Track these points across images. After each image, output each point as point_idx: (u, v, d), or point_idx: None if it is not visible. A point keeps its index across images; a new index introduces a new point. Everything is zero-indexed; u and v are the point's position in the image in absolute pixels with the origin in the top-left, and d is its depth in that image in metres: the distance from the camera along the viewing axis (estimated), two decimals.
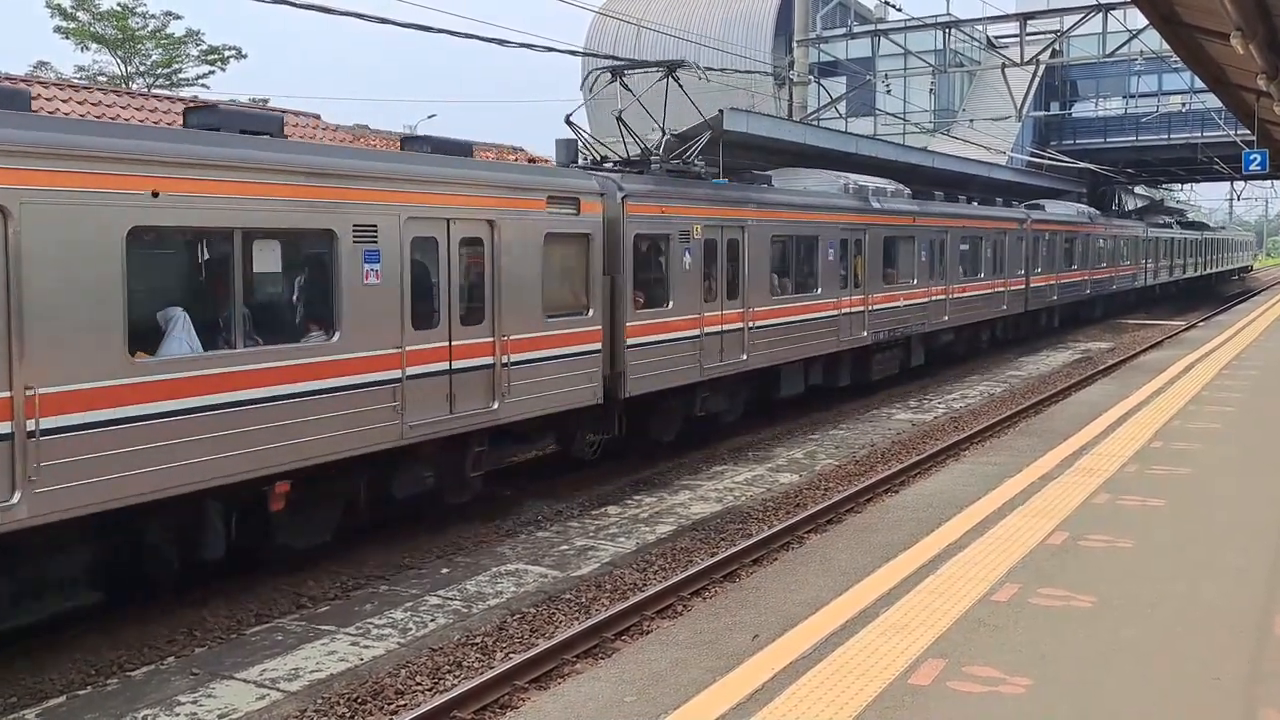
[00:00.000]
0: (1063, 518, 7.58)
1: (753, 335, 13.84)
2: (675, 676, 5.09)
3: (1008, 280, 24.14)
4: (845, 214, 16.73)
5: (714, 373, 13.10)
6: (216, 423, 7.29)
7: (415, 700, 6.41)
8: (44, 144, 6.46)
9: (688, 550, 9.48)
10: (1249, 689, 4.74)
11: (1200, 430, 10.94)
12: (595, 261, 11.12)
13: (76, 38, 31.50)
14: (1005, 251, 23.86)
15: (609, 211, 11.31)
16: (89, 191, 6.64)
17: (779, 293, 14.74)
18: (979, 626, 5.49)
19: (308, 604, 8.10)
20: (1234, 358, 17.62)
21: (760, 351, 14.12)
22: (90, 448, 6.57)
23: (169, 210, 7.10)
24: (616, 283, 11.44)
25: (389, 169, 8.89)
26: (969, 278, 21.91)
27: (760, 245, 14.05)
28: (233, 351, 7.50)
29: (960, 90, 41.80)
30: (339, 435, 8.20)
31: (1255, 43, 11.01)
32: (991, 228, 23.33)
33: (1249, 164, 25.83)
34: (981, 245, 22.65)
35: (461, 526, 10.03)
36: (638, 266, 11.86)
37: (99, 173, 6.70)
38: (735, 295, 13.41)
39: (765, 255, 14.21)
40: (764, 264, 14.17)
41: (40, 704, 6.42)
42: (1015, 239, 24.56)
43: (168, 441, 7.02)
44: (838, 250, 16.25)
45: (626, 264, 11.54)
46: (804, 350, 15.29)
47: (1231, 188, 62.47)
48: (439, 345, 9.15)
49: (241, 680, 6.74)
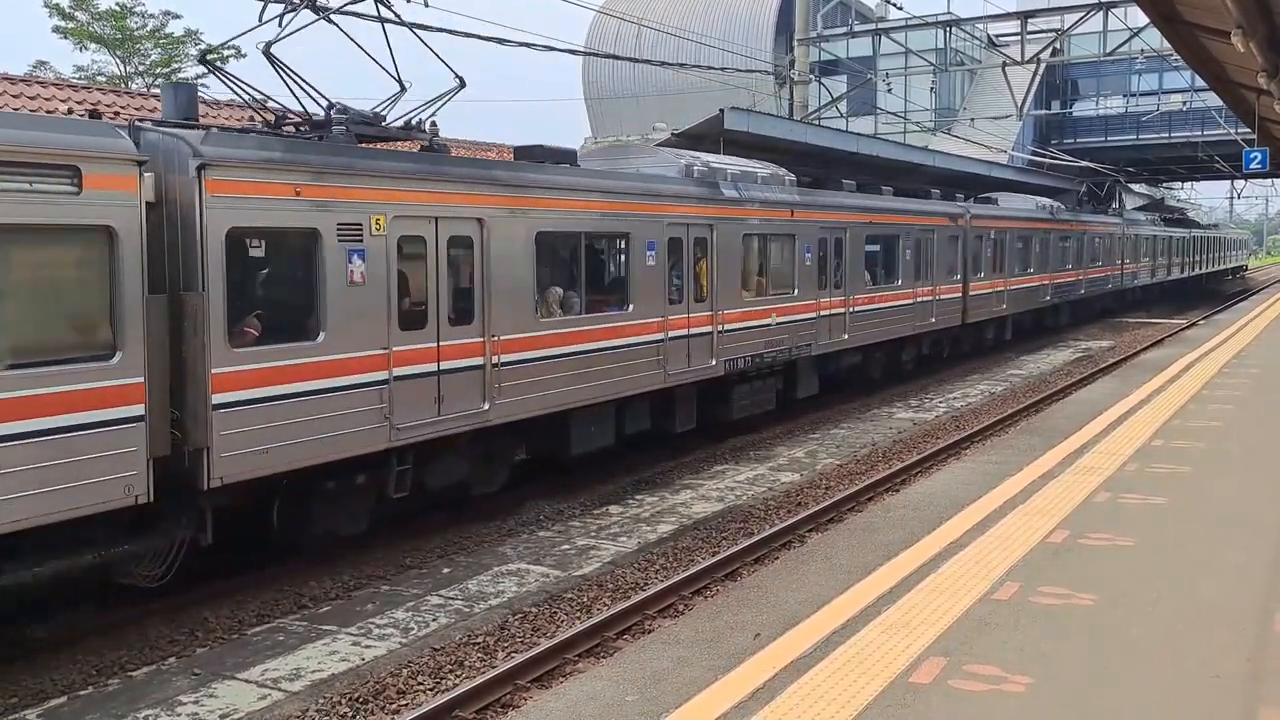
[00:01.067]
0: (1064, 516, 7.58)
1: (505, 373, 9.88)
2: (677, 675, 5.10)
3: (938, 287, 19.91)
4: (678, 204, 12.64)
5: (421, 433, 9.04)
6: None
7: (417, 700, 6.42)
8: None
9: (689, 549, 9.49)
10: (1249, 687, 4.74)
11: (1201, 428, 10.94)
12: (125, 271, 6.90)
13: (75, 38, 31.50)
14: (934, 253, 19.81)
15: (169, 190, 7.38)
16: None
17: (557, 312, 10.87)
18: (980, 625, 5.50)
19: (309, 604, 8.11)
20: (1234, 356, 17.62)
21: (525, 396, 10.16)
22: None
23: None
24: (188, 305, 7.43)
25: None
26: (880, 285, 17.94)
27: (513, 246, 10.07)
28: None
29: (961, 89, 41.81)
30: None
31: (1256, 41, 11.01)
32: (914, 224, 19.07)
33: (1249, 162, 25.83)
34: (899, 245, 18.58)
35: (463, 526, 10.05)
36: (241, 279, 7.83)
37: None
38: (467, 319, 9.61)
39: (526, 261, 10.20)
40: (523, 272, 10.18)
41: (41, 704, 6.43)
42: (948, 238, 20.46)
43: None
44: (663, 253, 12.24)
45: (212, 275, 7.45)
46: (608, 388, 11.35)
47: (1232, 186, 62.43)
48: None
49: (243, 680, 6.75)
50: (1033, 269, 25.57)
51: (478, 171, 10.15)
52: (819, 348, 15.76)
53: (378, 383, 8.65)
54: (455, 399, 9.34)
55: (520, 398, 10.16)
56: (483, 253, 9.79)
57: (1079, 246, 29.40)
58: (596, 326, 11.34)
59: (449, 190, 9.46)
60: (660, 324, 12.23)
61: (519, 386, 10.15)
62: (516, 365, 10.11)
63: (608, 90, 41.95)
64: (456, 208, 9.52)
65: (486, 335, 9.76)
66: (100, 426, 6.75)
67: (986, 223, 22.54)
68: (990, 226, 22.71)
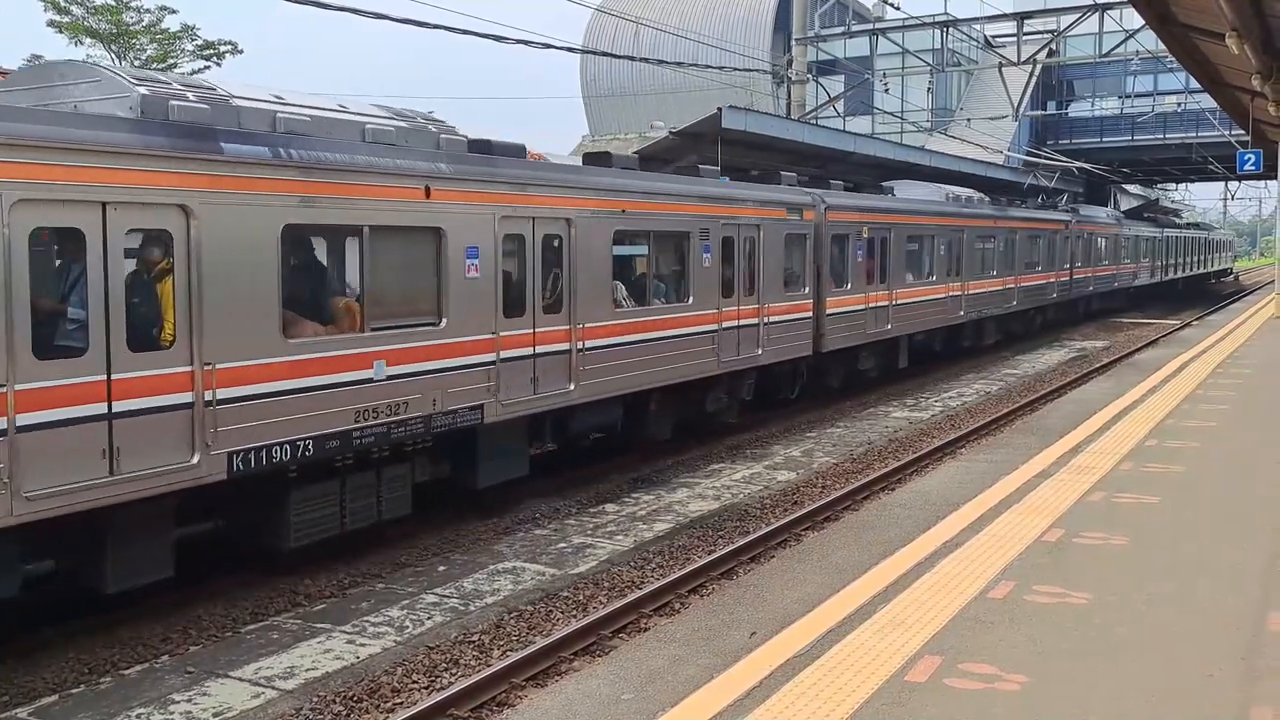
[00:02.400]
0: (1058, 515, 7.60)
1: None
2: (673, 674, 5.10)
3: (767, 305, 14.06)
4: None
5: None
6: None
7: (412, 698, 6.40)
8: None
9: (685, 548, 9.48)
10: (1243, 686, 4.75)
11: (1195, 428, 10.96)
12: None
13: (70, 32, 31.37)
14: (763, 259, 13.98)
15: None
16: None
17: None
18: (975, 623, 5.50)
19: (304, 602, 8.09)
20: (1227, 356, 17.66)
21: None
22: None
23: None
24: None
25: None
26: (656, 305, 12.20)
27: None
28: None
29: (958, 89, 41.90)
30: None
31: (1250, 43, 11.05)
32: (711, 214, 12.99)
33: (1243, 164, 25.95)
34: (687, 250, 12.60)
35: (458, 524, 10.03)
36: None
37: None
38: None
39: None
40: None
41: (33, 703, 6.40)
42: (776, 238, 14.37)
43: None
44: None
45: None
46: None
47: (1226, 188, 62.60)
48: None
49: (237, 679, 6.73)
50: (934, 277, 20.34)
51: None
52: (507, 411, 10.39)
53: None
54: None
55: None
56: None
57: (1007, 249, 24.22)
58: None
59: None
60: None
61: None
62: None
63: (605, 89, 41.96)
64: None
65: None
66: None
67: (849, 216, 16.86)
68: (855, 220, 17.00)
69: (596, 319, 11.00)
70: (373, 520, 8.86)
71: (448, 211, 9.17)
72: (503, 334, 9.74)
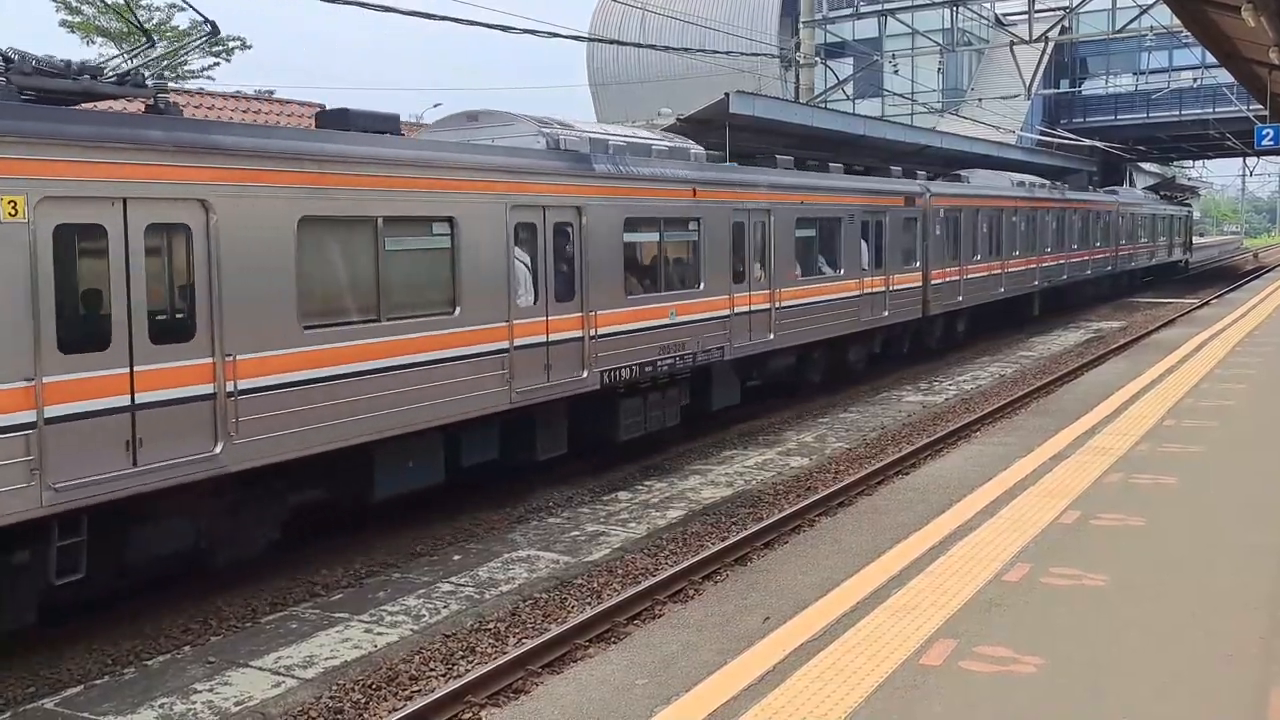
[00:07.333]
0: (1074, 497, 7.56)
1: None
2: (686, 659, 5.11)
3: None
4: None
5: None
6: None
7: (429, 686, 6.45)
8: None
9: (698, 534, 9.50)
10: (1262, 667, 4.72)
11: (1213, 408, 10.87)
12: None
13: (82, 31, 31.57)
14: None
15: None
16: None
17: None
18: (990, 606, 5.49)
19: (321, 592, 8.16)
20: (1246, 335, 17.49)
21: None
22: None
23: None
24: None
25: None
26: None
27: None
28: None
29: (969, 69, 41.49)
30: None
31: (1267, 15, 10.88)
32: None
33: (1261, 139, 25.57)
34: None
35: (473, 513, 10.07)
36: None
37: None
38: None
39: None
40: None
41: (58, 693, 6.49)
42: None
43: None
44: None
45: None
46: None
47: (1244, 164, 61.84)
48: None
49: (257, 668, 6.80)
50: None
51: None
52: None
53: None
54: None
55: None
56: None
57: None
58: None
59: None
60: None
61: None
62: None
63: (612, 76, 41.81)
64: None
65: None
66: None
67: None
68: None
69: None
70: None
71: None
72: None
